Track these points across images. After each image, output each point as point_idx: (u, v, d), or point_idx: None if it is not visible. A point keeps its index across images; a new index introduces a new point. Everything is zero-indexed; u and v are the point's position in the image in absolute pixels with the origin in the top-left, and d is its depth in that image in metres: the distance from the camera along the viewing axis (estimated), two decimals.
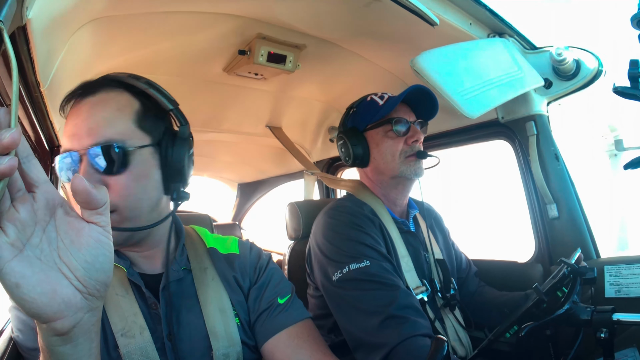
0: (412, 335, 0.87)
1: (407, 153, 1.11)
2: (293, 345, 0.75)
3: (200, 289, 0.76)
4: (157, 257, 0.77)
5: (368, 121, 1.15)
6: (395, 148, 1.12)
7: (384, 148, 1.13)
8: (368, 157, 1.16)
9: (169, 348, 0.69)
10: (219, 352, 0.71)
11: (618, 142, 4.34)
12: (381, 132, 1.13)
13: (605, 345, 0.79)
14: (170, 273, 0.74)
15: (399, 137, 1.12)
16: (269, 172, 2.71)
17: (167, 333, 0.69)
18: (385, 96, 1.16)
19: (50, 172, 1.24)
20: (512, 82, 1.06)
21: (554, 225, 1.27)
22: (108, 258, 0.42)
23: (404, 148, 1.12)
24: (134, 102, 0.70)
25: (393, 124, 1.11)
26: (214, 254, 0.82)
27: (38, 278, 0.37)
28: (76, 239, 0.41)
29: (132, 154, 0.66)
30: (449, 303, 1.12)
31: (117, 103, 0.68)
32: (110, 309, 0.68)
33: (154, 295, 0.72)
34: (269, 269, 0.85)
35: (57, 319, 0.39)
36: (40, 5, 0.58)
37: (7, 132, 0.34)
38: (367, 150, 1.15)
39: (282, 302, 0.80)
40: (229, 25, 1.14)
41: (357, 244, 1.01)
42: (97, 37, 1.00)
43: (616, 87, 0.71)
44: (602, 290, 1.12)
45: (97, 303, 0.43)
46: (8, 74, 0.61)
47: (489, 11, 1.13)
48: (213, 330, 0.72)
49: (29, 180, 0.39)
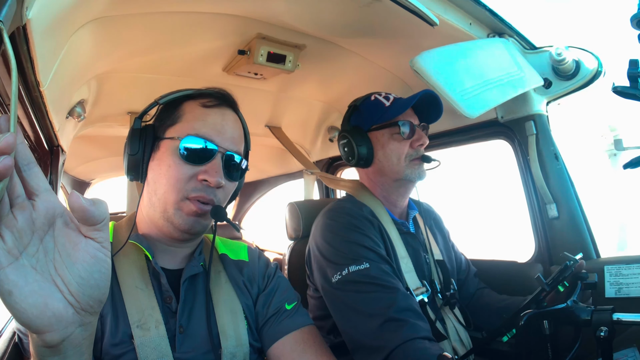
0: (411, 338, 0.87)
1: (413, 156, 1.12)
2: (298, 350, 0.77)
3: (214, 289, 0.79)
4: (180, 254, 0.80)
5: (374, 122, 1.14)
6: (401, 151, 1.12)
7: (389, 150, 1.13)
8: (372, 157, 1.15)
9: (179, 341, 0.71)
10: (227, 351, 0.74)
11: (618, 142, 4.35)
12: (387, 133, 1.13)
13: (605, 344, 0.79)
14: (192, 267, 0.78)
15: (404, 140, 1.12)
16: (269, 171, 2.71)
17: (180, 326, 0.72)
18: (391, 97, 1.16)
19: (50, 173, 1.23)
20: (512, 82, 1.06)
21: (553, 225, 1.27)
22: (104, 275, 0.42)
23: (409, 151, 1.12)
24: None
25: (400, 126, 1.11)
26: (224, 260, 0.86)
27: (31, 289, 0.37)
28: (73, 252, 0.40)
29: (243, 173, 0.82)
30: (448, 302, 1.12)
31: (242, 129, 0.84)
32: (129, 300, 0.70)
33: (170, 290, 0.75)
34: (276, 277, 0.89)
35: (47, 332, 0.38)
36: (40, 5, 0.58)
37: (2, 136, 0.34)
38: (371, 150, 1.15)
39: (289, 308, 0.83)
40: (229, 25, 1.14)
41: (357, 245, 1.01)
42: (97, 37, 1.00)
43: (616, 87, 0.71)
44: (602, 290, 1.12)
45: (89, 318, 0.42)
46: (8, 74, 0.61)
47: (488, 11, 1.13)
48: (223, 329, 0.75)
49: (29, 188, 0.38)
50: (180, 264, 0.80)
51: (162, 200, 0.74)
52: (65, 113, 1.19)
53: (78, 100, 1.22)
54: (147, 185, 0.77)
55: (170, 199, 0.73)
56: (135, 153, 0.75)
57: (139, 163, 0.76)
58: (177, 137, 0.74)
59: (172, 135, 0.75)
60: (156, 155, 0.76)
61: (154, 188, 0.75)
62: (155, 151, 0.77)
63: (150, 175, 0.76)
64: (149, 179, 0.77)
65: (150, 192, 0.76)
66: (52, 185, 1.24)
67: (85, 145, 2.00)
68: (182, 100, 0.80)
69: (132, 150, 0.75)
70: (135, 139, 0.76)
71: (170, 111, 0.79)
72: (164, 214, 0.74)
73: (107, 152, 2.19)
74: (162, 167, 0.74)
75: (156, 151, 0.77)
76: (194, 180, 0.73)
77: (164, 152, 0.75)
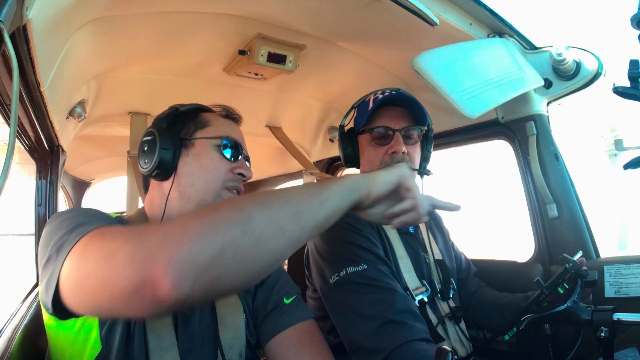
0: (409, 340, 0.87)
1: (387, 164, 1.05)
2: (295, 349, 0.78)
3: None
4: None
5: (360, 124, 1.13)
6: (375, 157, 1.08)
7: (367, 155, 1.11)
8: (359, 160, 1.15)
9: (181, 331, 0.73)
10: (224, 342, 0.75)
11: (618, 142, 4.34)
12: (366, 138, 1.11)
13: (606, 344, 0.79)
14: None
15: (379, 147, 1.07)
16: (269, 172, 2.71)
17: (182, 316, 0.74)
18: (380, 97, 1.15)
19: (50, 173, 1.23)
20: (512, 82, 1.06)
21: (553, 225, 1.27)
22: None
23: (384, 158, 1.06)
24: None
25: (371, 132, 1.08)
26: None
27: None
28: None
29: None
30: (454, 315, 1.11)
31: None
32: None
33: None
34: (275, 271, 0.89)
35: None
36: (40, 5, 0.58)
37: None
38: (357, 154, 1.15)
39: (288, 302, 0.84)
40: (229, 25, 1.14)
41: (355, 247, 1.01)
42: (97, 37, 1.00)
43: (616, 87, 0.71)
44: (602, 290, 1.12)
45: None
46: (8, 74, 0.61)
47: (489, 11, 1.12)
48: (223, 320, 0.77)
49: None
50: None
51: (201, 190, 0.80)
52: (66, 113, 1.19)
53: (78, 100, 1.22)
54: (177, 180, 0.81)
55: (211, 187, 0.80)
56: (168, 149, 0.80)
57: (171, 159, 0.80)
58: (217, 137, 0.83)
59: (209, 135, 0.83)
60: (190, 151, 0.82)
61: (190, 181, 0.80)
62: (187, 148, 0.82)
63: (185, 169, 0.81)
64: (182, 173, 0.81)
65: (183, 185, 0.80)
66: (52, 186, 1.24)
67: (85, 145, 2.00)
68: (198, 111, 0.89)
69: (165, 146, 0.79)
70: (167, 137, 0.80)
71: (192, 118, 0.86)
72: (201, 203, 0.79)
73: (107, 152, 2.19)
74: (203, 161, 0.81)
75: (190, 148, 0.82)
76: (230, 173, 0.83)
77: (202, 148, 0.82)
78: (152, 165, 0.79)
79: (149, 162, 0.80)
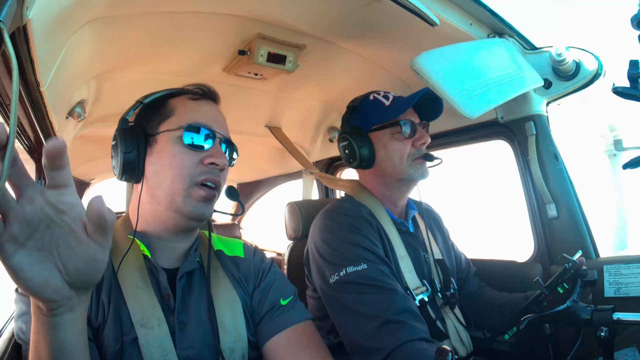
0: (409, 339, 0.87)
1: (415, 155, 1.11)
2: (293, 350, 0.77)
3: (213, 284, 0.79)
4: (178, 251, 0.81)
5: (374, 122, 1.14)
6: (404, 150, 1.11)
7: (391, 150, 1.12)
8: (374, 158, 1.15)
9: (178, 338, 0.71)
10: (225, 346, 0.74)
11: (617, 142, 4.35)
12: (388, 133, 1.13)
13: (605, 344, 0.79)
14: (188, 264, 0.78)
15: (406, 139, 1.12)
16: (268, 171, 2.71)
17: (179, 322, 0.73)
18: (390, 96, 1.16)
19: None
20: (512, 82, 1.06)
21: (553, 225, 1.27)
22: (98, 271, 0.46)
23: (411, 150, 1.11)
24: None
25: (402, 126, 1.11)
26: (220, 255, 0.86)
27: (35, 270, 0.42)
28: (75, 247, 0.44)
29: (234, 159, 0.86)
30: (448, 301, 1.12)
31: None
32: (131, 300, 0.71)
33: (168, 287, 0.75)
34: (271, 272, 0.88)
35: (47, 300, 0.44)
36: (40, 5, 0.58)
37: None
38: (373, 151, 1.14)
39: (285, 303, 0.83)
40: (229, 25, 1.14)
41: (355, 246, 1.01)
42: (97, 37, 1.00)
43: (616, 88, 0.71)
44: (601, 289, 1.12)
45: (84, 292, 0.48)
46: (8, 74, 0.61)
47: (489, 11, 1.13)
48: (223, 323, 0.76)
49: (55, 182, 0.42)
50: (176, 263, 0.80)
51: (169, 191, 0.75)
52: (65, 113, 1.19)
53: (78, 100, 1.22)
54: (146, 182, 0.78)
55: (178, 187, 0.75)
56: (130, 151, 0.76)
57: (135, 161, 0.77)
58: (178, 127, 0.76)
59: (170, 127, 0.77)
60: (154, 149, 0.78)
61: (157, 181, 0.76)
62: (151, 146, 0.78)
63: (151, 170, 0.77)
64: (149, 174, 0.77)
65: (152, 187, 0.77)
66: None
67: (85, 145, 2.00)
68: (167, 98, 0.83)
69: (127, 148, 0.76)
70: (128, 138, 0.77)
71: (157, 109, 0.81)
72: (171, 205, 0.75)
73: (107, 152, 2.16)
74: (165, 158, 0.76)
75: (153, 146, 0.78)
76: (200, 165, 0.76)
77: (164, 144, 0.77)
78: (119, 171, 0.78)
79: (116, 167, 0.79)
